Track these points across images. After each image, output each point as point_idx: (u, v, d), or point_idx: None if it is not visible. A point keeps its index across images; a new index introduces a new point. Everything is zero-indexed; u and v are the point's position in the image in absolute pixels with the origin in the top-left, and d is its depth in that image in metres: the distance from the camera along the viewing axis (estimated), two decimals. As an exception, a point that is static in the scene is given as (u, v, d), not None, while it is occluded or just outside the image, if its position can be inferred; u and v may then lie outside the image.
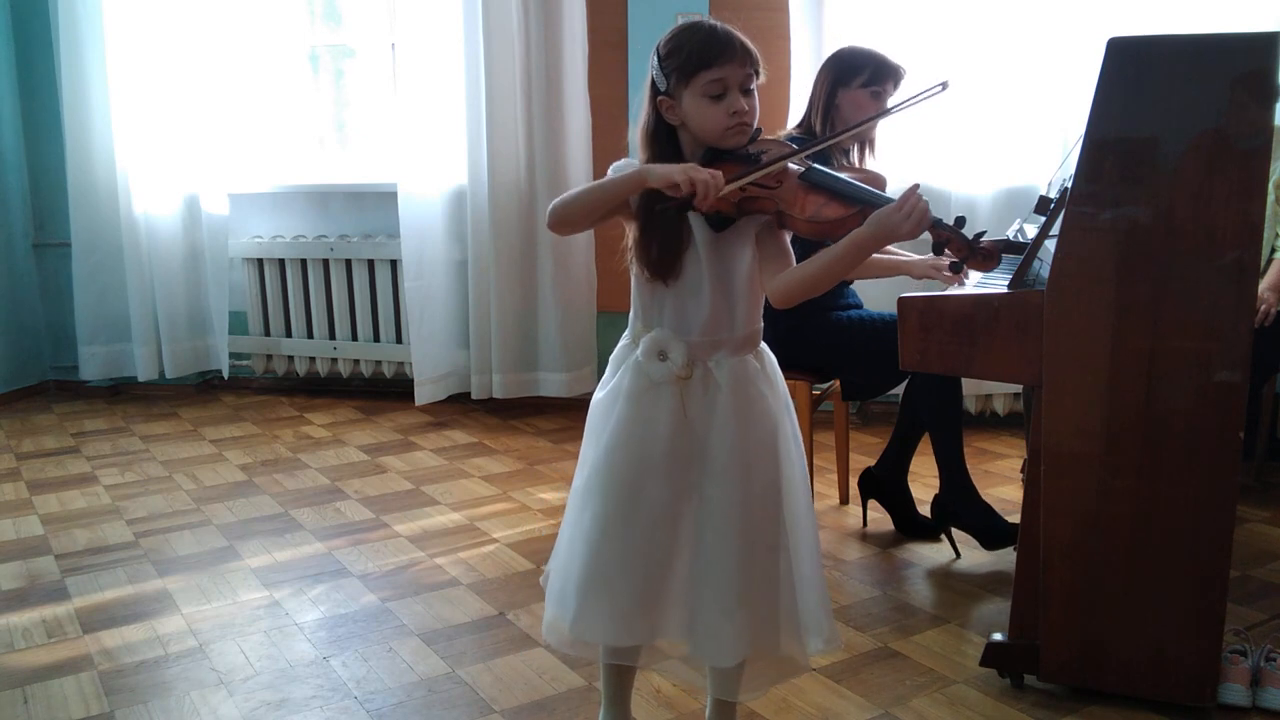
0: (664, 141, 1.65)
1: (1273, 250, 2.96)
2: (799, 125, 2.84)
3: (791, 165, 1.64)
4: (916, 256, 2.73)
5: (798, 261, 1.65)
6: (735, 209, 1.59)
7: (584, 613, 1.66)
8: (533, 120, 4.09)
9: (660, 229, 1.59)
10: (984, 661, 2.13)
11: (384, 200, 4.39)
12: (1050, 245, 2.03)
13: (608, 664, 1.81)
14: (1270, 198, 2.86)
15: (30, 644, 2.38)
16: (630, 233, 1.65)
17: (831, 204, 1.58)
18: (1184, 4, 3.49)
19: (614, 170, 1.65)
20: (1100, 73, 1.85)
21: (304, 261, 4.56)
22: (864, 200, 1.58)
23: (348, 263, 4.52)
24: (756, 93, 1.64)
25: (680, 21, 1.67)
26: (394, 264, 4.41)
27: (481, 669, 2.23)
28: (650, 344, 1.62)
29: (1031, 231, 2.79)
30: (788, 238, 1.67)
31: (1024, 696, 2.08)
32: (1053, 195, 2.34)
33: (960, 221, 1.57)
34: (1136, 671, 2.00)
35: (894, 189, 3.24)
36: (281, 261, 4.59)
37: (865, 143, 2.86)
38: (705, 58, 1.58)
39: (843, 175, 1.64)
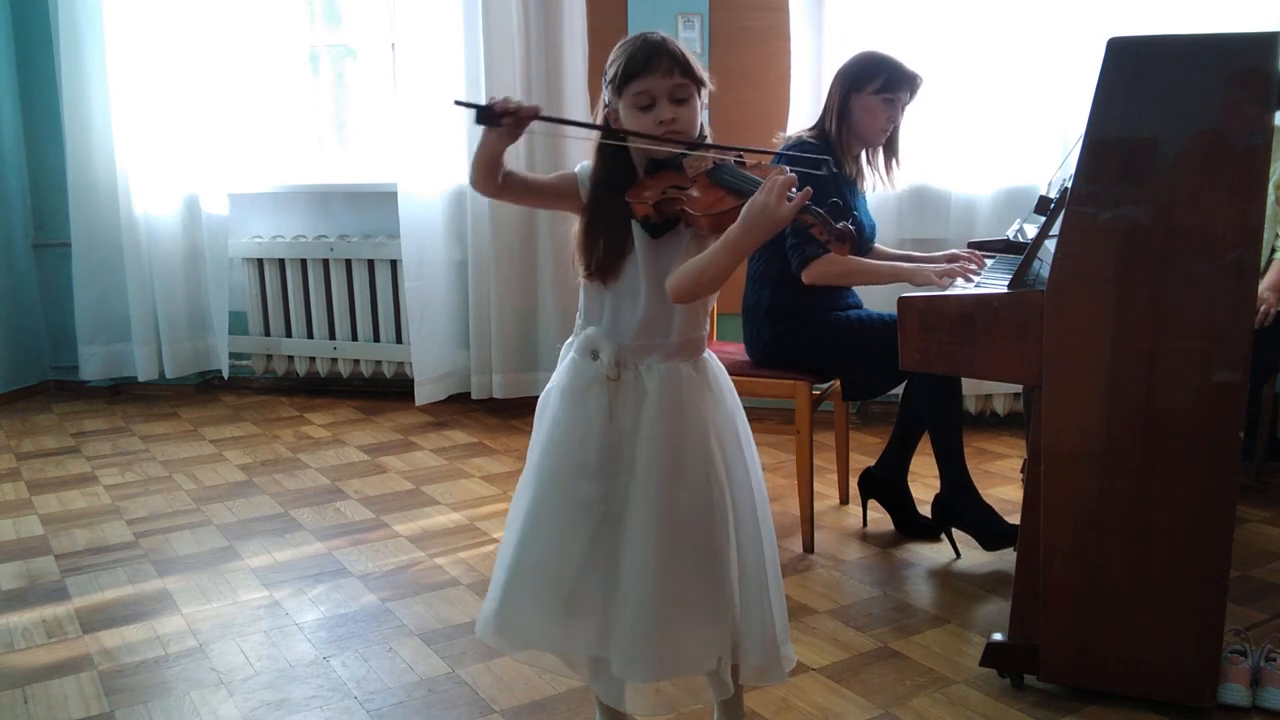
0: (612, 151, 1.66)
1: (1273, 250, 2.96)
2: (813, 128, 2.84)
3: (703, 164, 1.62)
4: (915, 265, 2.73)
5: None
6: (654, 210, 1.59)
7: (507, 606, 1.67)
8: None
9: (606, 230, 1.61)
10: (984, 661, 2.13)
11: (384, 200, 4.39)
12: (1050, 245, 2.03)
13: (598, 699, 1.82)
14: (1270, 198, 2.86)
15: (30, 644, 2.38)
16: (576, 226, 1.67)
17: (726, 197, 1.58)
18: (1184, 4, 3.49)
19: (579, 169, 1.71)
20: (1100, 73, 1.85)
21: (304, 261, 4.56)
22: (750, 190, 1.54)
23: (348, 263, 4.52)
24: (694, 101, 1.62)
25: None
26: (394, 264, 4.41)
27: (481, 669, 2.23)
28: (584, 342, 1.65)
29: (1031, 231, 2.80)
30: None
31: (1024, 696, 2.08)
32: (1053, 195, 2.34)
33: (835, 206, 1.53)
34: (1136, 671, 2.00)
35: (901, 185, 3.26)
36: (281, 261, 4.59)
37: (889, 154, 2.85)
38: (631, 69, 1.60)
39: (745, 172, 1.61)
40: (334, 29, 4.67)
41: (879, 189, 3.00)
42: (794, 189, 1.47)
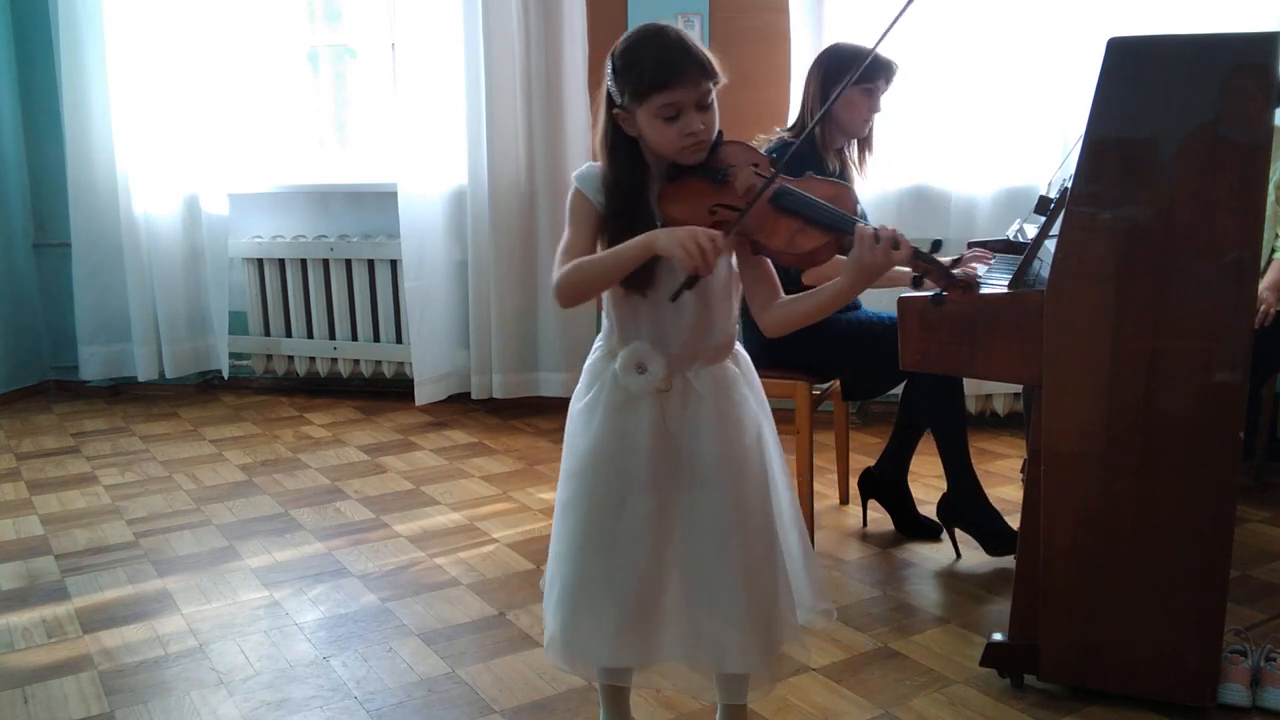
0: (623, 152, 1.60)
1: (1273, 250, 2.96)
2: (791, 128, 2.84)
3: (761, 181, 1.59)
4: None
5: (780, 279, 1.65)
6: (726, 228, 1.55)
7: (573, 632, 1.65)
8: (533, 120, 4.09)
9: (631, 237, 1.56)
10: (984, 661, 2.13)
11: (384, 200, 4.39)
12: (1050, 245, 2.03)
13: (603, 683, 1.81)
14: (1270, 198, 2.86)
15: (30, 644, 2.38)
16: (601, 247, 1.60)
17: (805, 231, 1.54)
18: (1184, 4, 3.49)
19: (578, 181, 1.61)
20: (1100, 73, 1.84)
21: (304, 261, 4.56)
22: (836, 228, 1.54)
23: (348, 263, 4.52)
24: (715, 104, 1.57)
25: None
26: (394, 264, 4.41)
27: (481, 669, 2.23)
28: (628, 357, 1.59)
29: (1031, 231, 2.79)
30: (769, 260, 1.65)
31: (1024, 696, 2.08)
32: (1053, 195, 2.34)
33: (936, 246, 1.54)
34: (1136, 671, 2.00)
35: (896, 187, 3.25)
36: (281, 261, 4.59)
37: (862, 143, 2.86)
38: (658, 80, 1.51)
39: (812, 196, 1.58)
40: (334, 29, 4.67)
41: (881, 189, 3.00)
42: (894, 236, 1.46)
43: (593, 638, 1.65)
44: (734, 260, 1.65)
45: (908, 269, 2.39)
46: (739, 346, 1.72)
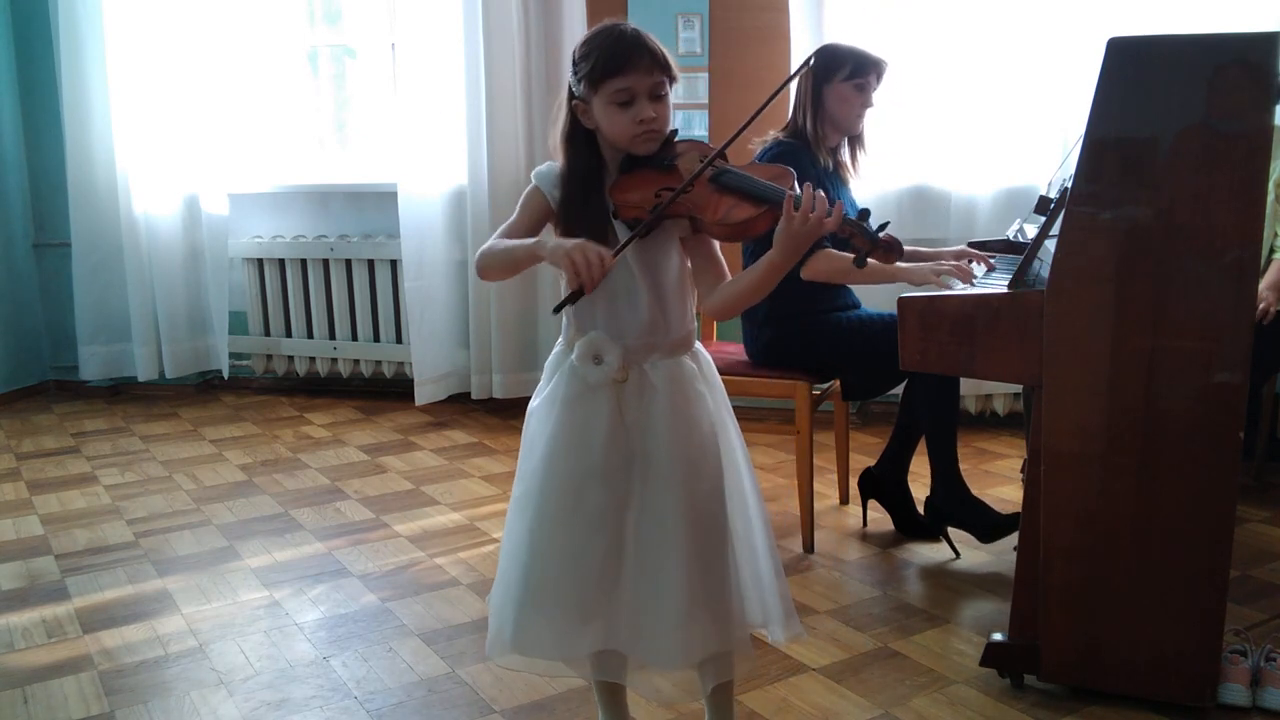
0: (582, 145, 1.65)
1: (1272, 250, 2.96)
2: (785, 128, 2.84)
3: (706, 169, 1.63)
4: (915, 265, 2.73)
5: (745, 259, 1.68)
6: (650, 214, 1.58)
7: (524, 625, 1.65)
8: (533, 120, 4.09)
9: (584, 229, 1.59)
10: (984, 661, 2.13)
11: (384, 200, 4.39)
12: (1050, 245, 2.03)
13: (595, 680, 1.81)
14: (1270, 197, 2.86)
15: (30, 644, 2.38)
16: (556, 235, 1.65)
17: (740, 205, 1.58)
18: (1184, 4, 3.49)
19: (536, 177, 1.68)
20: (1100, 73, 1.85)
21: (304, 261, 4.56)
22: (769, 199, 1.57)
23: (348, 263, 4.52)
24: (669, 99, 1.62)
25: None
26: (394, 264, 4.41)
27: (481, 669, 2.23)
28: (585, 347, 1.62)
29: (1031, 231, 2.79)
30: (715, 244, 1.67)
31: (1024, 696, 2.08)
32: (1053, 195, 2.34)
33: (864, 214, 1.55)
34: (1136, 671, 2.00)
35: (896, 187, 3.24)
36: (281, 261, 4.59)
37: (854, 142, 2.87)
38: (611, 66, 1.57)
39: (750, 175, 1.62)
40: (334, 29, 4.67)
41: (881, 189, 3.00)
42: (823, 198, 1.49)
43: (544, 630, 1.65)
44: (687, 257, 1.68)
45: (907, 265, 2.39)
46: (699, 346, 1.73)
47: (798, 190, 1.55)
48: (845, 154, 2.89)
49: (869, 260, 1.55)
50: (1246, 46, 1.79)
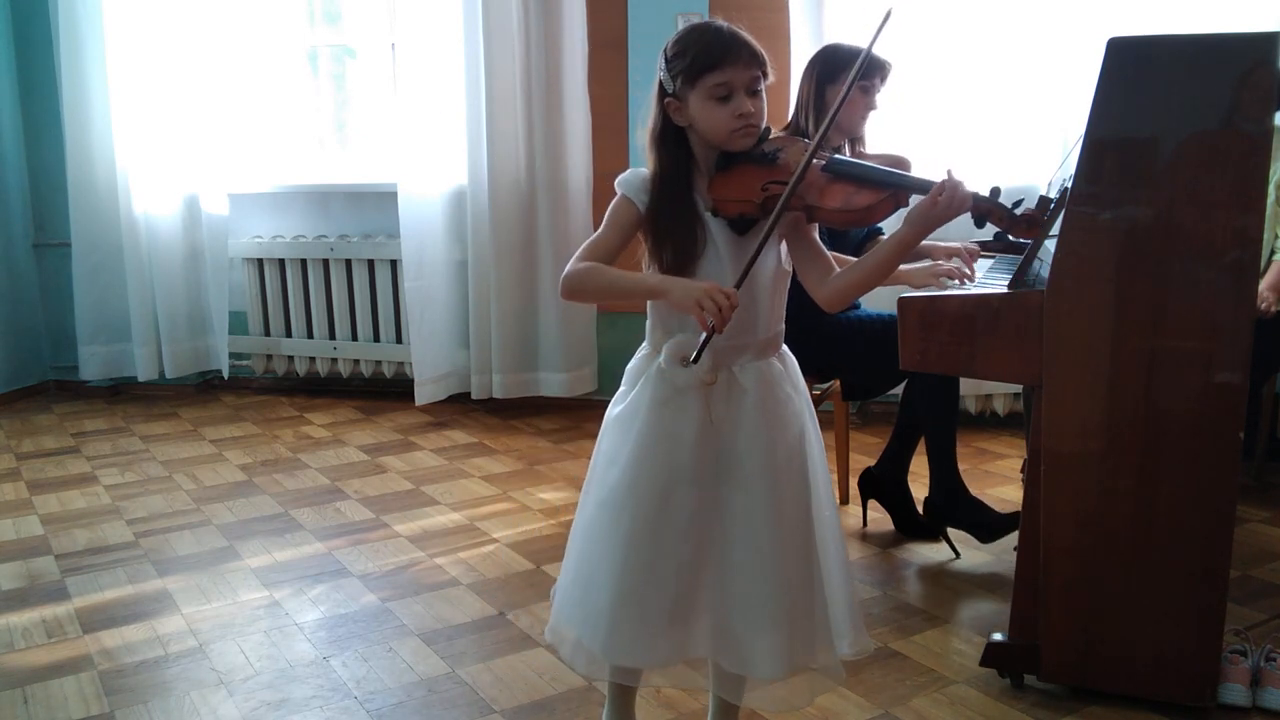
0: (673, 144, 1.62)
1: (1272, 250, 2.95)
2: (785, 127, 2.84)
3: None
4: (915, 265, 2.74)
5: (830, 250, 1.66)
6: (759, 209, 1.57)
7: (616, 634, 1.61)
8: (533, 120, 4.09)
9: (673, 235, 1.58)
10: (984, 661, 2.13)
11: (384, 200, 4.39)
12: (1050, 245, 2.03)
13: (613, 682, 1.79)
14: (1270, 198, 2.86)
15: (30, 644, 2.38)
16: (644, 244, 1.63)
17: (861, 191, 1.58)
18: (1184, 4, 3.49)
19: (620, 185, 1.63)
20: (1100, 73, 1.85)
21: (304, 261, 4.56)
22: (893, 184, 1.59)
23: (348, 263, 4.52)
24: (764, 94, 1.62)
25: (683, 23, 1.66)
26: (394, 264, 4.41)
27: (481, 669, 2.23)
28: (674, 349, 1.57)
29: (1031, 231, 2.79)
30: (815, 233, 1.65)
31: (1024, 696, 2.08)
32: (1053, 195, 2.34)
33: (995, 192, 1.56)
34: (1136, 671, 2.00)
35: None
36: (281, 261, 4.59)
37: (856, 142, 2.86)
38: (710, 60, 1.56)
39: (864, 163, 1.64)
40: (334, 29, 4.67)
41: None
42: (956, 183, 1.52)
43: (637, 637, 1.62)
44: (783, 252, 1.65)
45: (907, 266, 2.37)
46: (786, 348, 1.71)
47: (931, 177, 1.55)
48: (847, 155, 2.88)
49: (1009, 237, 1.55)
50: (1247, 47, 1.79)
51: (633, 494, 1.61)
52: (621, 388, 1.69)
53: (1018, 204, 1.59)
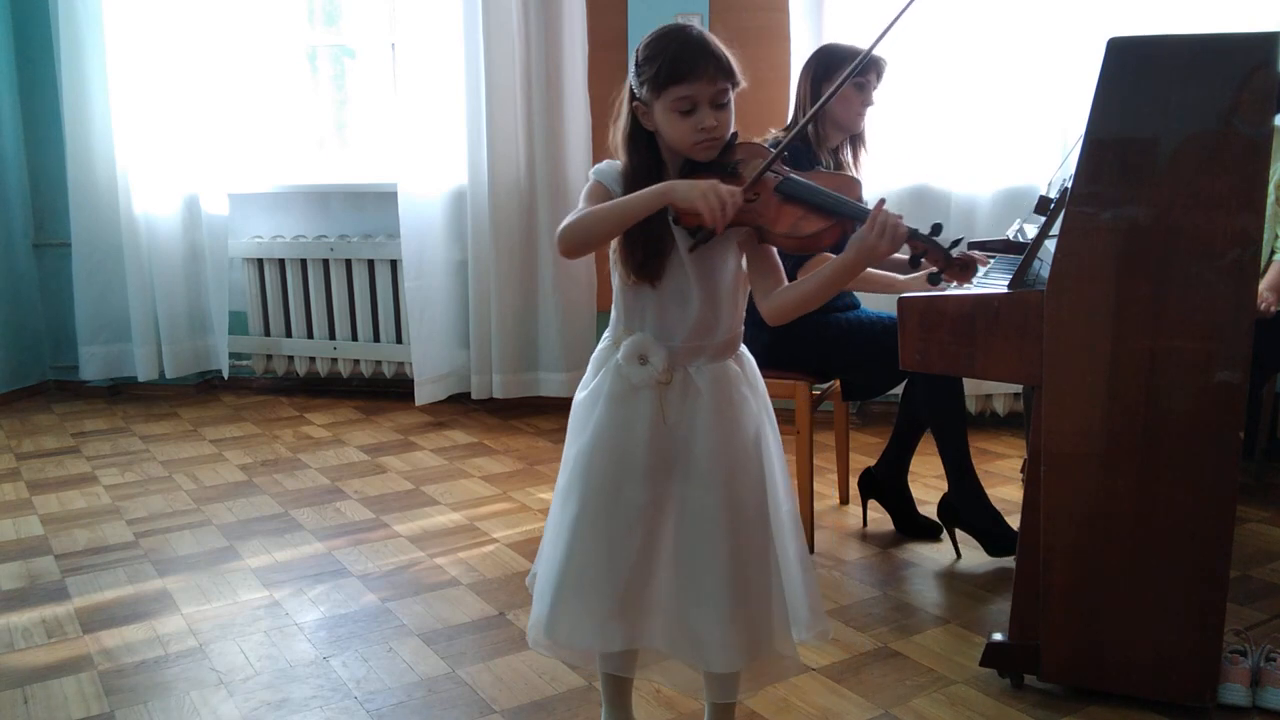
0: (643, 146, 1.64)
1: (1273, 250, 2.95)
2: (785, 127, 2.84)
3: (769, 174, 1.61)
4: (909, 276, 2.73)
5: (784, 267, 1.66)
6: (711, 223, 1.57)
7: (559, 614, 1.66)
8: (533, 120, 4.09)
9: (643, 233, 1.59)
10: (984, 661, 2.13)
11: (384, 200, 4.39)
12: (1050, 245, 2.03)
13: (604, 673, 1.81)
14: (1270, 198, 2.86)
15: (30, 644, 2.38)
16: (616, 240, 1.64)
17: (808, 217, 1.56)
18: (1184, 4, 3.49)
19: (596, 174, 1.65)
20: (1100, 73, 1.84)
21: (304, 261, 4.56)
22: (840, 213, 1.56)
23: (348, 263, 4.52)
24: (732, 104, 1.61)
25: (659, 27, 1.65)
26: (394, 264, 4.41)
27: (481, 669, 2.23)
28: (631, 347, 1.62)
29: (1031, 231, 2.79)
30: (774, 249, 1.66)
31: (1024, 696, 2.08)
32: (1053, 195, 2.34)
33: (936, 229, 1.54)
34: (1136, 671, 2.00)
35: (896, 187, 3.23)
36: (281, 261, 4.59)
37: (856, 139, 2.86)
38: (676, 74, 1.55)
39: (816, 184, 1.61)
40: (333, 29, 4.67)
41: (881, 189, 3.00)
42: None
43: (579, 620, 1.66)
44: (743, 259, 1.66)
45: (902, 277, 2.37)
46: (744, 349, 1.72)
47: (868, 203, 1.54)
48: (847, 154, 2.88)
49: (943, 280, 1.53)
50: (1247, 47, 1.79)
51: (584, 482, 1.65)
52: (586, 373, 1.72)
53: (955, 245, 1.57)
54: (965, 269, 1.53)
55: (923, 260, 1.55)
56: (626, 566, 1.63)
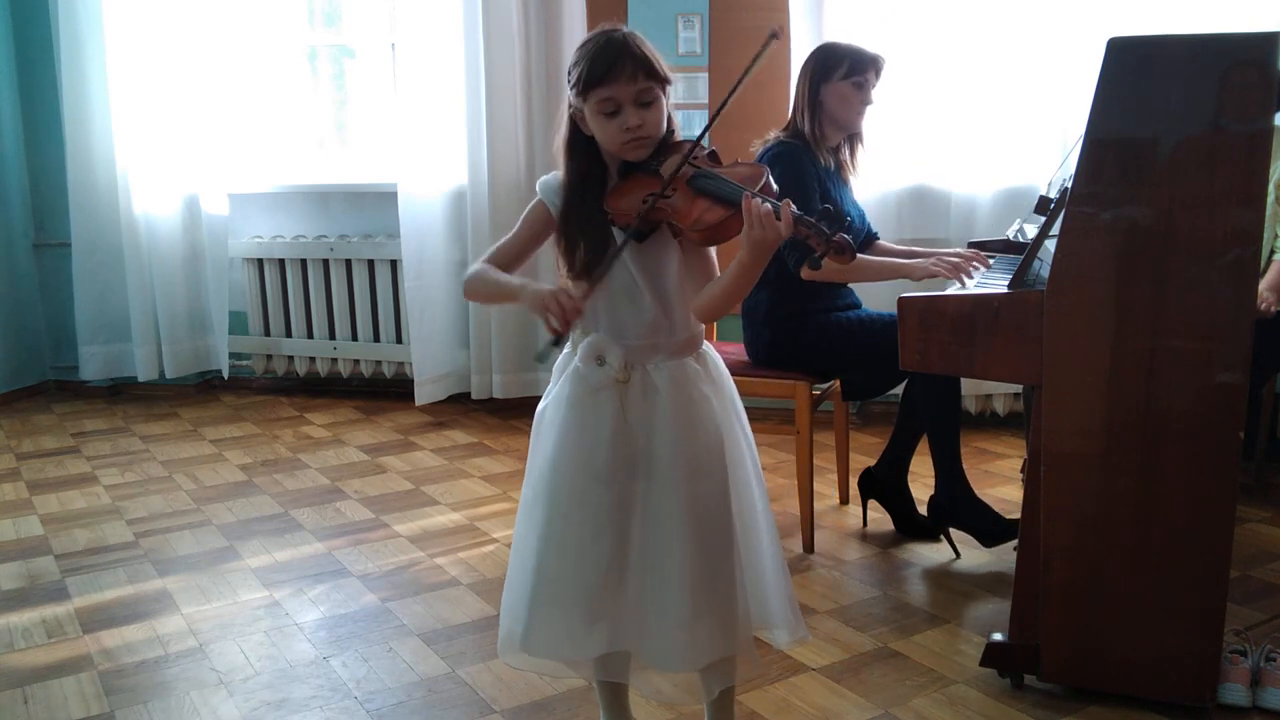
0: (582, 152, 1.64)
1: (1272, 250, 2.95)
2: (785, 128, 2.84)
3: (687, 169, 1.60)
4: (914, 260, 2.74)
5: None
6: (641, 221, 1.57)
7: (534, 628, 1.66)
8: (533, 120, 4.09)
9: (585, 230, 1.60)
10: (984, 661, 2.13)
11: (384, 200, 4.39)
12: (1050, 245, 2.03)
13: (599, 680, 1.81)
14: (1270, 198, 2.86)
15: (30, 644, 2.38)
16: (555, 248, 1.66)
17: (712, 208, 1.55)
18: (1184, 4, 3.49)
19: (541, 189, 1.68)
20: (1100, 73, 1.85)
21: (304, 261, 4.57)
22: (737, 200, 1.53)
23: (348, 263, 4.52)
24: (660, 102, 1.61)
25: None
26: (394, 264, 4.41)
27: (481, 669, 2.23)
28: (588, 348, 1.62)
29: (1031, 231, 2.80)
30: (710, 252, 1.66)
31: (1024, 696, 2.08)
32: (1053, 195, 2.34)
33: (825, 211, 1.49)
34: (1136, 671, 2.00)
35: (896, 187, 3.22)
36: (281, 261, 4.59)
37: (854, 138, 2.86)
38: (594, 76, 1.57)
39: (722, 175, 1.59)
40: (333, 29, 4.67)
41: (881, 189, 3.00)
42: (773, 202, 1.47)
43: (555, 631, 1.66)
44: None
45: (907, 261, 2.35)
46: (708, 347, 1.73)
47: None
48: (846, 153, 2.88)
49: (823, 262, 1.50)
50: (1247, 47, 1.79)
51: (550, 491, 1.65)
52: (550, 381, 1.72)
53: (842, 226, 1.53)
54: (841, 251, 1.48)
55: (808, 243, 1.52)
56: (598, 572, 1.63)
